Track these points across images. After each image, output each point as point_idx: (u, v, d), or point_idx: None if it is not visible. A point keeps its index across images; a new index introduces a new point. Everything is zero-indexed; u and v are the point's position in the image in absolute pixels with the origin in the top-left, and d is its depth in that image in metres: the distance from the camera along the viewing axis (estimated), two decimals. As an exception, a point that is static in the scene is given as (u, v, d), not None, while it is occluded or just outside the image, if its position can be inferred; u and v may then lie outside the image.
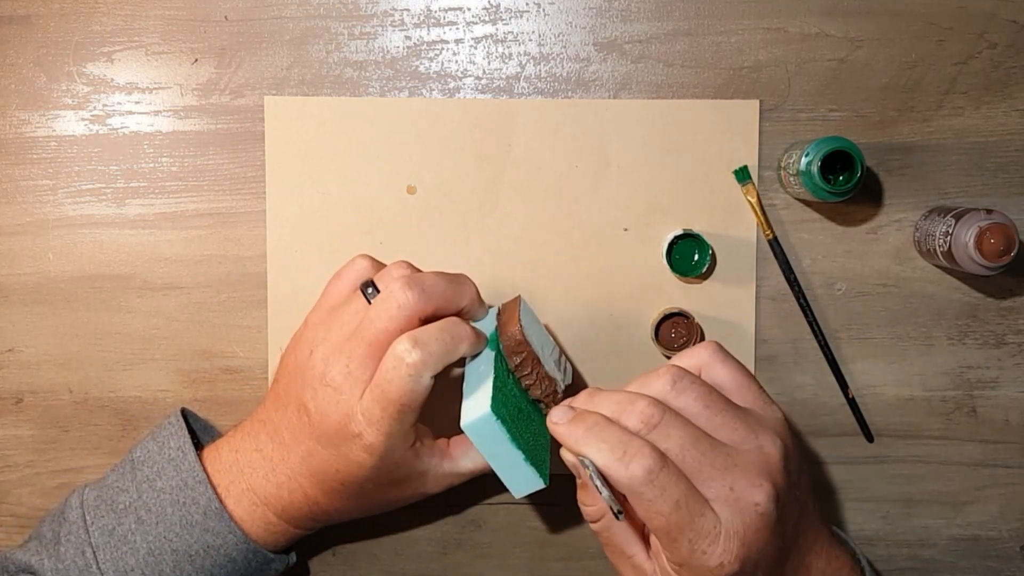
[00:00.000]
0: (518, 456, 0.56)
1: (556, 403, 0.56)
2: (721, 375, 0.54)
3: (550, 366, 0.60)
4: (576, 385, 0.69)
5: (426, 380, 0.54)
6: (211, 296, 0.69)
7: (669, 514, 0.48)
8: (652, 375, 0.52)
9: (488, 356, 0.58)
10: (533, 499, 0.70)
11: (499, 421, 0.55)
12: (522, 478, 0.58)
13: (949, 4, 0.67)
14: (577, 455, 0.51)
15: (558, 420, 0.52)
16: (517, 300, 0.61)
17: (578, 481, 0.54)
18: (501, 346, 0.58)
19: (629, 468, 0.48)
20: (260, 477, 0.59)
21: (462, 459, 0.60)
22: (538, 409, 0.60)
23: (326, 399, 0.55)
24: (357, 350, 0.55)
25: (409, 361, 0.53)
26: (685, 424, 0.50)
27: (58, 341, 0.69)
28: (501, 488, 0.70)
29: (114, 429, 0.69)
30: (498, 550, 0.70)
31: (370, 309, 0.55)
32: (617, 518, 0.49)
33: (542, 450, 0.59)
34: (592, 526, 0.55)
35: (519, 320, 0.58)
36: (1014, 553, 0.70)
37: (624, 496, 0.50)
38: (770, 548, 0.50)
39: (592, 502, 0.54)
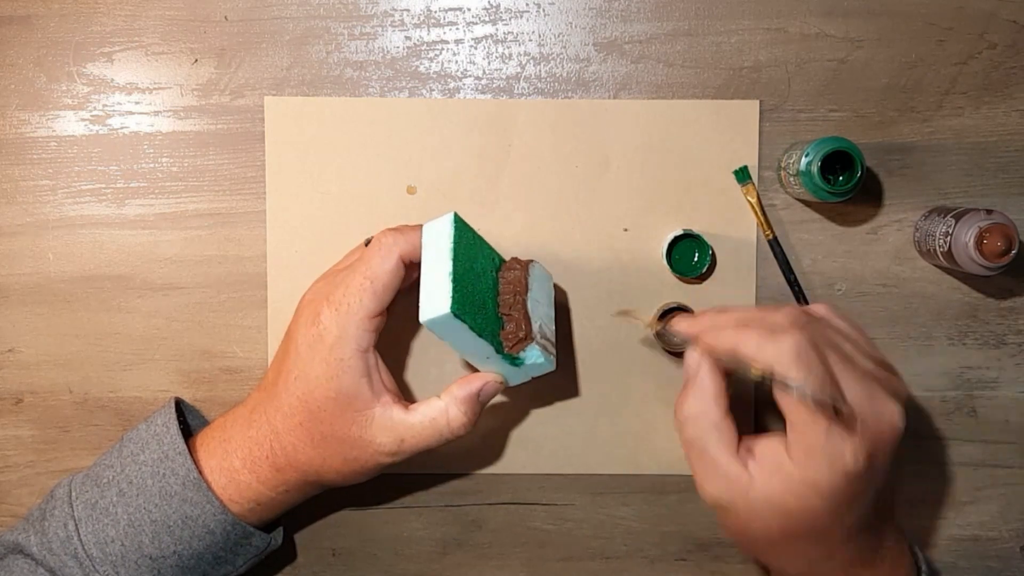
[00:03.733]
0: (489, 348, 0.58)
1: (518, 341, 0.59)
2: (840, 325, 0.55)
3: (536, 311, 0.60)
4: (565, 378, 0.69)
5: (393, 261, 0.58)
6: (211, 296, 0.69)
7: (816, 389, 0.48)
8: (775, 308, 0.54)
9: (445, 248, 0.57)
10: (533, 499, 0.70)
11: (460, 319, 0.55)
12: (505, 369, 0.60)
13: (949, 4, 0.67)
14: (724, 351, 0.52)
15: (704, 330, 0.54)
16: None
17: (687, 377, 0.55)
18: (501, 264, 0.62)
19: (780, 344, 0.49)
20: (238, 427, 0.60)
21: (416, 410, 0.59)
22: (499, 317, 0.60)
23: (305, 307, 0.60)
24: (345, 271, 0.60)
25: (384, 240, 0.58)
26: (829, 327, 0.52)
27: (58, 341, 0.69)
28: (501, 488, 0.70)
29: (114, 429, 0.69)
30: (498, 550, 0.70)
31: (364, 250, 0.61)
32: (839, 412, 0.48)
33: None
34: (682, 432, 0.54)
35: (529, 264, 0.62)
36: (1014, 553, 0.70)
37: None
38: (887, 470, 0.51)
39: (692, 399, 0.53)
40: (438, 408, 0.59)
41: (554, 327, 0.62)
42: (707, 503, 0.54)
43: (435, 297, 0.55)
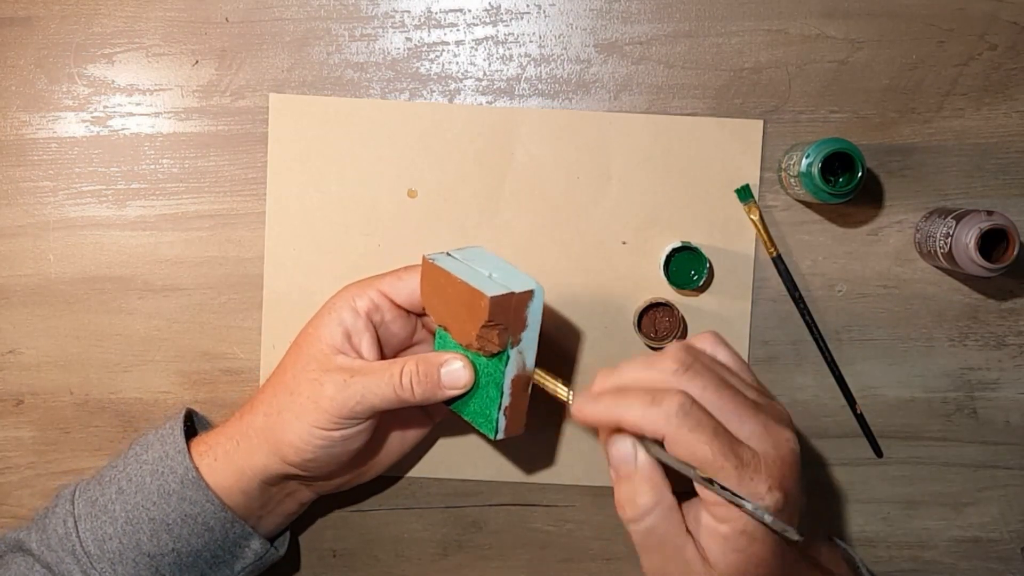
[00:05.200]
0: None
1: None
2: (723, 358, 0.55)
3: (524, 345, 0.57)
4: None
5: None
6: (211, 298, 0.69)
7: (712, 440, 0.48)
8: (661, 353, 0.52)
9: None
10: (533, 500, 0.70)
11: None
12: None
13: (949, 6, 0.67)
14: (617, 426, 0.51)
15: (582, 405, 0.52)
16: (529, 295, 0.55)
17: (614, 477, 0.52)
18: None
19: (663, 407, 0.48)
20: (232, 421, 0.61)
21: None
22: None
23: (322, 321, 0.59)
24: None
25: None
26: (713, 369, 0.51)
27: (59, 343, 0.69)
28: (501, 489, 0.70)
29: (115, 431, 0.69)
30: (498, 552, 0.70)
31: None
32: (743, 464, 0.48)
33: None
34: (639, 525, 0.51)
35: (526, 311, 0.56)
36: (1015, 554, 0.70)
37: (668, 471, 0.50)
38: (797, 491, 0.50)
39: (644, 489, 0.51)
40: (397, 361, 0.57)
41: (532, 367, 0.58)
42: None
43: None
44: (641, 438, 0.51)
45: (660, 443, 0.50)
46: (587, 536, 0.70)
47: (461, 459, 0.69)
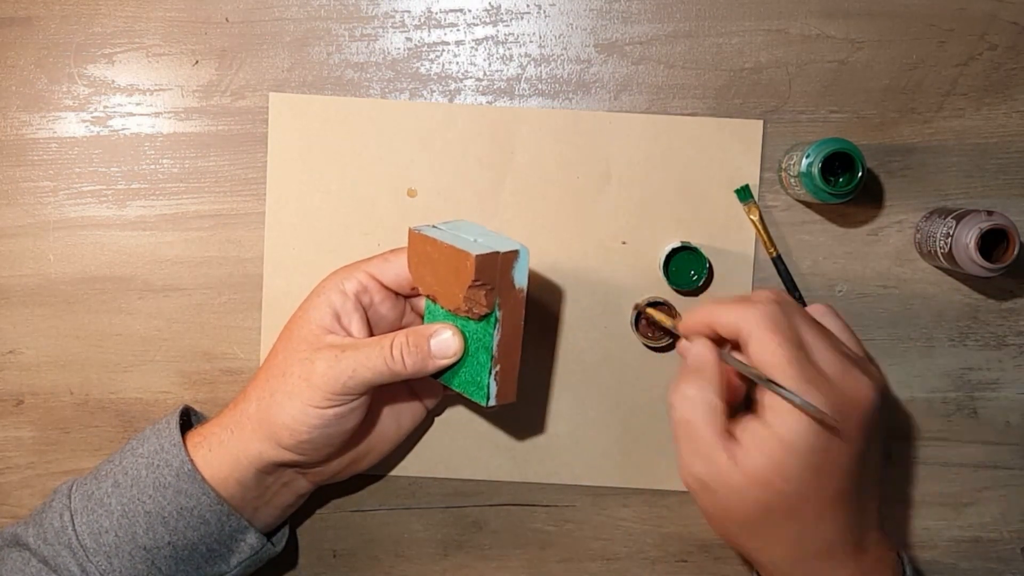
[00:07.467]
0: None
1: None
2: (832, 325, 0.58)
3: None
4: (558, 389, 0.69)
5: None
6: (212, 298, 0.69)
7: (786, 345, 0.51)
8: (756, 291, 0.57)
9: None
10: (533, 500, 0.70)
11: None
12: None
13: (950, 6, 0.67)
14: (712, 329, 0.55)
15: (685, 318, 0.57)
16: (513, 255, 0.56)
17: (686, 364, 0.56)
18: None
19: (756, 308, 0.52)
20: (227, 411, 0.61)
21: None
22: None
23: (311, 304, 0.60)
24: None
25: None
26: (810, 317, 0.55)
27: (59, 343, 0.69)
28: (501, 489, 0.70)
29: (115, 431, 0.69)
30: (498, 552, 0.70)
31: None
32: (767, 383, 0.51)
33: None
34: (674, 411, 0.54)
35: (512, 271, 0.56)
36: (1015, 555, 0.70)
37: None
38: (863, 444, 0.52)
39: (693, 379, 0.54)
40: (387, 336, 0.57)
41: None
42: (689, 485, 0.55)
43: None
44: (725, 350, 0.55)
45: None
46: (587, 536, 0.70)
47: (461, 459, 0.69)
